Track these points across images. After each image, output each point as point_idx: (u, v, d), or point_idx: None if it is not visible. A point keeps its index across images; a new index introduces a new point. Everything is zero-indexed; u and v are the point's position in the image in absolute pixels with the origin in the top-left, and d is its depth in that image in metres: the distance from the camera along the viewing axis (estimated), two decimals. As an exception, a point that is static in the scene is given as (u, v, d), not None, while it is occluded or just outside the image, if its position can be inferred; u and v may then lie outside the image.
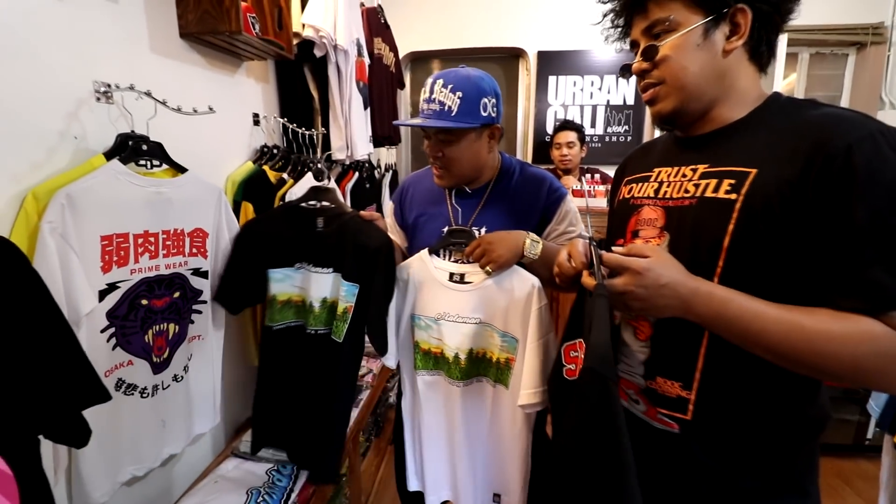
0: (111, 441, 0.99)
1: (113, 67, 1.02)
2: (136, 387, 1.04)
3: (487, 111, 1.05)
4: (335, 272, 1.11)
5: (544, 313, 0.98)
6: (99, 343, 0.95)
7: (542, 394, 0.95)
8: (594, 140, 2.97)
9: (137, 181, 1.01)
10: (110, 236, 0.96)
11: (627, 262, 0.63)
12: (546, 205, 1.12)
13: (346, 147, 1.81)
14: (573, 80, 2.92)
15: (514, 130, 3.20)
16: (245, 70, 1.55)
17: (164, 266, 1.09)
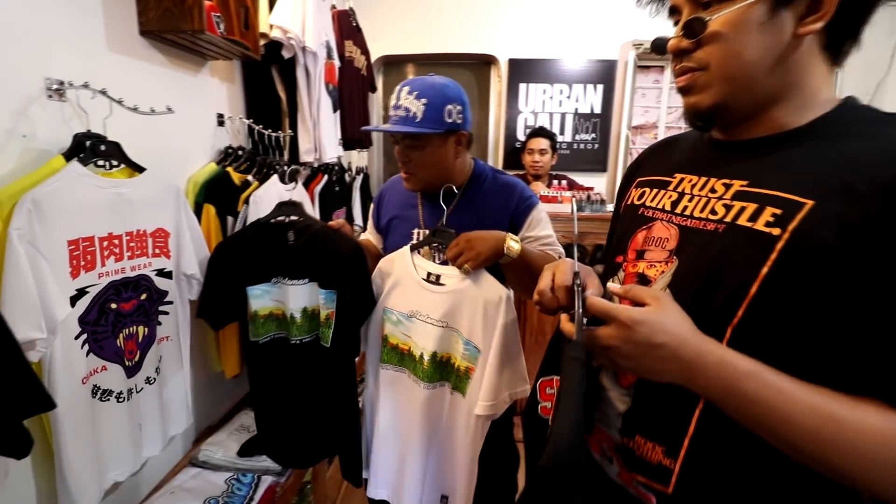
0: (93, 448, 0.98)
1: (67, 64, 0.99)
2: (111, 392, 1.03)
3: (452, 118, 1.07)
4: (311, 282, 1.13)
5: (512, 328, 0.98)
6: (74, 350, 0.94)
7: (498, 405, 0.97)
8: (563, 147, 3.04)
9: (98, 182, 0.99)
10: (76, 240, 0.94)
11: (615, 312, 0.51)
12: (516, 212, 1.14)
13: (315, 150, 1.79)
14: (543, 88, 2.98)
15: (486, 136, 3.24)
16: (209, 69, 1.52)
17: (130, 268, 1.08)
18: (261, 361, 1.17)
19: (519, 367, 1.00)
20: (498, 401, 0.97)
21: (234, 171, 1.53)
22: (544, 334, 2.21)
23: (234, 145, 1.59)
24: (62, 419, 0.90)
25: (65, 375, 0.90)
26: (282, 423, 1.21)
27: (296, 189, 1.71)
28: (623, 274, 0.66)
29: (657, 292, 0.53)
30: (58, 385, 0.89)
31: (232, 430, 1.44)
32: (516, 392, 1.00)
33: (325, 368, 1.13)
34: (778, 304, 0.48)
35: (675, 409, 0.55)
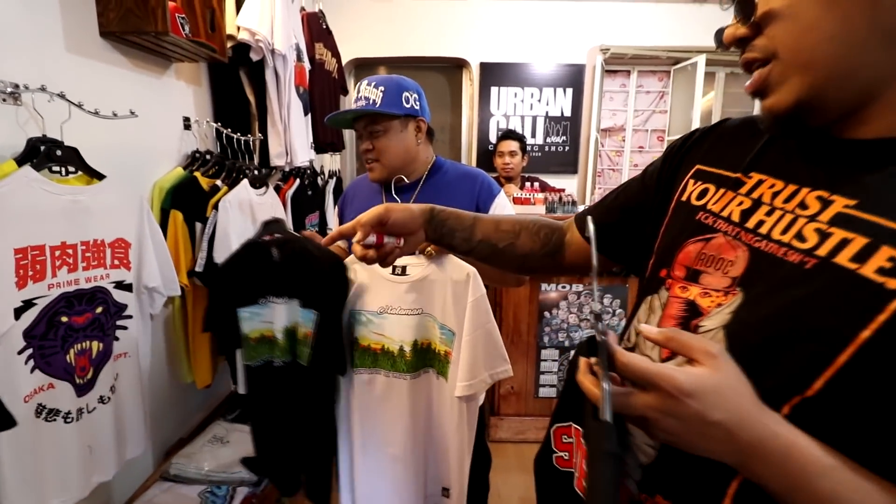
0: (33, 471, 0.92)
1: (22, 66, 0.95)
2: (58, 412, 0.97)
3: (410, 104, 1.13)
4: (291, 300, 1.10)
5: (480, 304, 0.97)
6: (16, 366, 0.88)
7: (476, 385, 0.96)
8: (534, 150, 3.10)
9: (52, 189, 0.95)
10: (24, 249, 0.89)
11: (658, 379, 0.37)
12: (479, 200, 1.15)
13: (286, 153, 1.77)
14: (514, 92, 3.03)
15: (459, 139, 3.27)
16: (174, 72, 1.48)
17: (84, 280, 1.02)
18: (254, 385, 1.12)
19: (496, 345, 0.99)
20: (476, 380, 0.95)
21: (201, 175, 1.49)
22: (520, 334, 2.24)
23: (201, 150, 1.55)
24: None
25: (4, 392, 0.84)
26: (274, 446, 1.17)
27: (267, 193, 1.68)
28: (666, 296, 0.52)
29: (712, 347, 0.38)
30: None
31: (205, 442, 1.40)
32: (497, 372, 0.99)
33: (303, 388, 1.10)
34: (872, 380, 0.35)
35: (708, 475, 0.43)
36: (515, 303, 2.24)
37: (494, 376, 1.00)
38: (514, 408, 2.29)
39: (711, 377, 0.37)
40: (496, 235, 0.75)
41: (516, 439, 2.28)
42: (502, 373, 1.00)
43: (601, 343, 0.41)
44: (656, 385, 0.37)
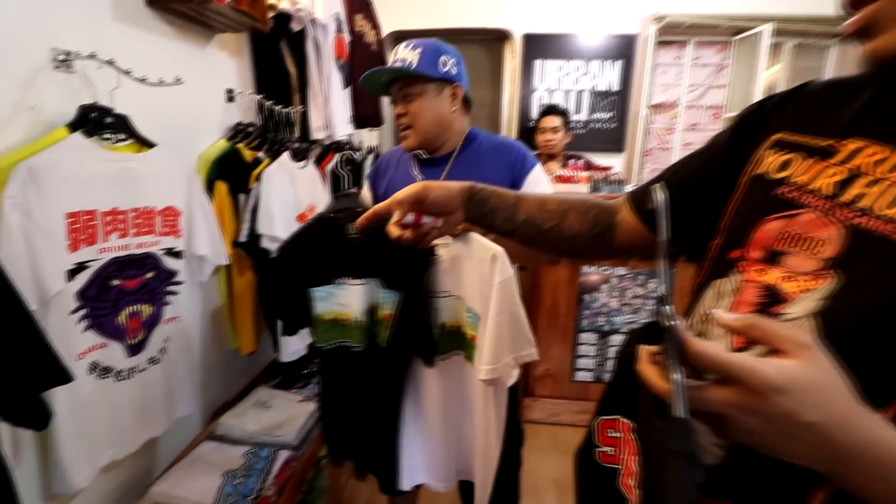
0: (89, 425, 0.97)
1: (73, 35, 0.96)
2: (110, 369, 1.01)
3: (447, 68, 1.09)
4: (373, 280, 1.03)
5: (507, 286, 0.91)
6: (69, 325, 0.92)
7: (500, 369, 0.91)
8: (579, 126, 2.97)
9: (103, 156, 0.97)
10: (77, 213, 0.92)
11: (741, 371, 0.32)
12: (514, 173, 1.10)
13: (326, 126, 1.76)
14: (559, 65, 2.89)
15: (499, 115, 3.17)
16: (218, 43, 1.49)
17: (135, 245, 1.06)
18: (325, 367, 1.10)
19: (521, 328, 0.93)
20: (501, 364, 0.91)
21: (244, 147, 1.51)
22: (558, 316, 2.19)
23: (244, 121, 1.56)
24: (54, 394, 0.87)
25: (59, 350, 0.85)
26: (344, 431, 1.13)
27: (307, 167, 1.69)
28: (739, 279, 0.47)
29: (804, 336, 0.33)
30: None
31: (249, 406, 1.45)
32: (521, 355, 0.94)
33: (379, 372, 1.05)
34: None
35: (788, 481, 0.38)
36: (554, 284, 2.18)
37: (519, 359, 0.94)
38: (549, 390, 2.26)
39: (804, 371, 0.31)
40: (541, 215, 0.70)
41: (550, 421, 2.25)
42: (527, 356, 0.95)
43: (669, 329, 0.35)
44: (738, 378, 0.32)
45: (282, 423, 1.36)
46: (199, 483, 1.12)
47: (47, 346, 0.67)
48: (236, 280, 1.51)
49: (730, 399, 0.32)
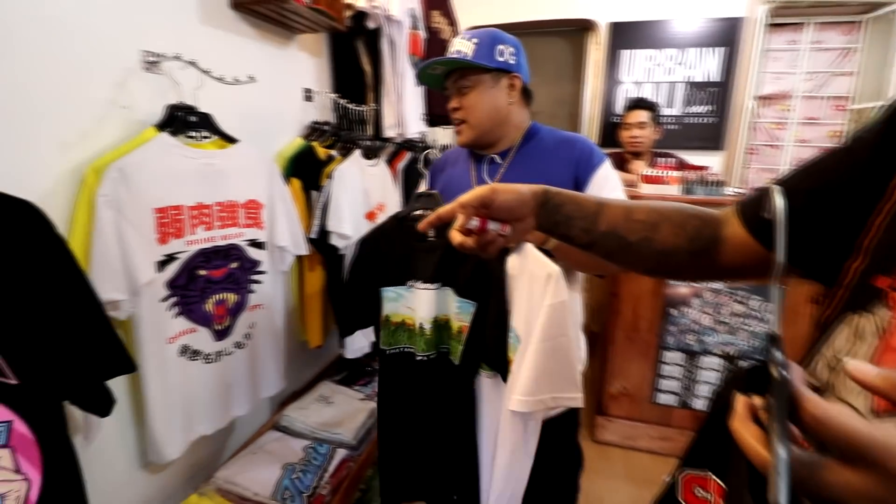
0: (180, 402, 1.05)
1: (162, 37, 1.02)
2: (199, 353, 1.09)
3: (504, 57, 1.01)
4: (446, 287, 0.97)
5: (558, 310, 0.80)
6: (161, 311, 0.99)
7: (534, 404, 0.80)
8: (671, 121, 2.70)
9: (188, 153, 1.02)
10: (164, 209, 0.98)
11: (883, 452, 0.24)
12: (579, 170, 1.00)
13: (398, 124, 1.75)
14: (649, 55, 2.65)
15: (580, 113, 2.99)
16: (297, 43, 1.53)
17: (220, 237, 1.11)
18: (386, 372, 1.07)
19: (567, 364, 0.82)
20: (535, 398, 0.80)
21: (318, 145, 1.53)
22: (639, 331, 1.99)
23: (320, 119, 1.59)
24: (148, 374, 0.96)
25: (151, 334, 0.96)
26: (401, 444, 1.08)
27: (378, 165, 1.68)
28: (887, 317, 0.36)
29: None
30: (143, 342, 0.95)
31: (312, 400, 1.47)
32: (561, 398, 0.82)
33: (451, 390, 0.98)
34: None
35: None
36: (636, 295, 1.99)
37: (558, 401, 0.82)
38: (626, 410, 2.07)
39: None
40: (626, 226, 0.59)
41: (625, 444, 2.06)
42: (569, 400, 0.82)
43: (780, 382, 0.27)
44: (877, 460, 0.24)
45: (341, 420, 1.36)
46: (259, 473, 1.15)
47: (115, 338, 0.69)
48: (307, 275, 1.54)
49: (861, 487, 0.24)
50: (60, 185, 0.83)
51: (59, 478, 0.61)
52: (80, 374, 0.63)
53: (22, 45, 0.76)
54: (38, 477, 0.58)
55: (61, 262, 0.61)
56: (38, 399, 0.58)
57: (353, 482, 1.23)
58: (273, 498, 1.08)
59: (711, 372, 1.92)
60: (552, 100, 3.10)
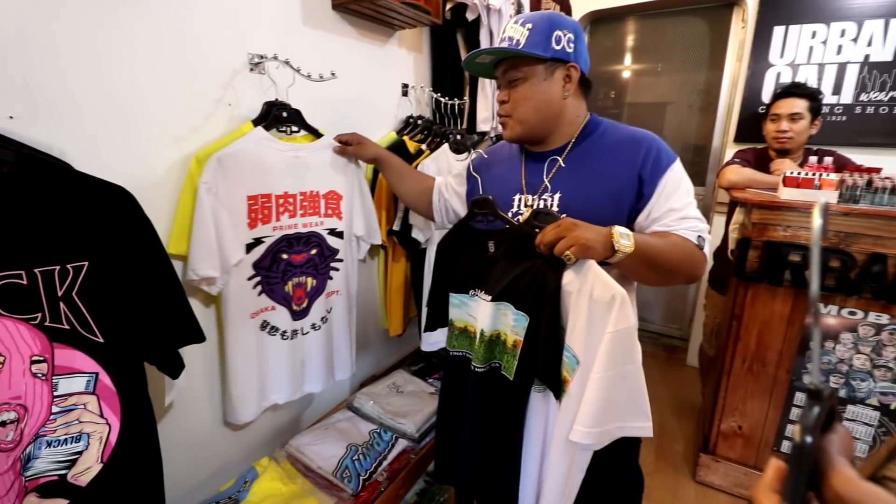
0: (257, 371, 1.16)
1: (267, 40, 1.11)
2: (277, 329, 1.18)
3: (561, 45, 0.90)
4: (502, 301, 0.93)
5: (624, 338, 0.72)
6: (246, 289, 1.10)
7: (598, 435, 0.73)
8: (835, 111, 2.19)
9: (278, 146, 1.11)
10: (255, 196, 1.08)
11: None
12: (643, 171, 0.88)
13: (492, 118, 1.70)
14: (811, 30, 2.17)
15: (715, 103, 2.59)
16: (397, 40, 1.57)
17: (302, 225, 1.19)
18: (448, 371, 1.08)
19: (635, 393, 0.74)
20: (600, 430, 0.73)
21: (409, 139, 1.56)
22: (764, 363, 1.67)
23: (416, 114, 1.62)
24: (231, 343, 1.08)
25: (237, 308, 1.08)
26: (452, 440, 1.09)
27: (468, 159, 1.65)
28: None
29: None
30: (230, 315, 1.07)
31: (385, 386, 1.52)
32: (628, 427, 0.74)
33: (502, 404, 0.95)
34: None
35: None
36: (764, 320, 1.67)
37: (625, 430, 0.75)
38: (739, 453, 1.76)
39: None
40: None
41: (733, 492, 1.76)
42: (636, 430, 0.74)
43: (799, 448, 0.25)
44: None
45: (408, 411, 1.38)
46: (326, 448, 1.22)
47: (189, 311, 0.78)
48: (391, 266, 1.60)
49: None
50: (172, 173, 0.96)
51: (135, 426, 0.71)
52: (156, 339, 0.73)
53: (140, 52, 0.89)
54: (117, 423, 0.69)
55: (148, 241, 0.71)
56: (120, 357, 0.68)
57: (410, 474, 1.24)
58: (333, 474, 1.14)
59: (862, 426, 1.54)
60: (680, 89, 2.74)
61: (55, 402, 0.63)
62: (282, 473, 1.12)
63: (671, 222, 0.86)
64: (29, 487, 0.62)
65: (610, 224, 0.80)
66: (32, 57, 0.74)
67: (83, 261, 0.63)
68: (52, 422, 0.63)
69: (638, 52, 2.83)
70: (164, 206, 0.95)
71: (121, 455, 0.69)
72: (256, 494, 1.04)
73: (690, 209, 0.87)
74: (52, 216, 0.61)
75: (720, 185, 2.00)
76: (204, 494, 1.08)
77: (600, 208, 0.89)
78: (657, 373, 2.67)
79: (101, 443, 0.67)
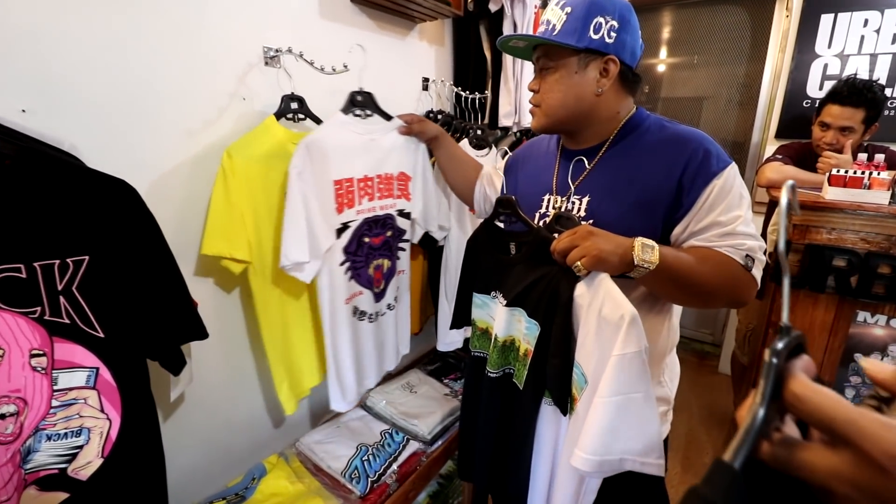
0: (357, 358, 1.23)
1: (283, 33, 1.10)
2: (365, 313, 1.24)
3: (600, 34, 0.79)
4: (517, 306, 0.91)
5: (632, 363, 0.66)
6: (338, 274, 1.13)
7: (598, 464, 0.67)
8: (889, 105, 2.03)
9: (357, 129, 1.14)
10: (340, 181, 1.10)
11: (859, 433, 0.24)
12: (685, 177, 0.76)
13: (515, 112, 1.65)
14: (864, 18, 2.01)
15: (756, 96, 2.45)
16: (418, 32, 1.53)
17: (379, 207, 1.22)
18: (470, 370, 1.06)
19: (646, 427, 0.67)
20: (601, 459, 0.67)
21: (429, 134, 1.52)
22: (801, 372, 1.56)
23: (438, 109, 1.58)
24: (334, 332, 1.14)
25: (333, 296, 1.12)
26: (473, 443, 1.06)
27: (488, 155, 1.60)
28: None
29: None
30: (325, 303, 1.11)
31: (399, 386, 1.50)
32: (637, 460, 0.68)
33: (512, 411, 0.94)
34: None
35: None
36: (803, 329, 1.54)
37: (631, 464, 0.67)
38: (772, 469, 1.66)
39: None
40: None
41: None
42: (645, 466, 0.67)
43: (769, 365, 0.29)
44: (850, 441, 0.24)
45: (420, 413, 1.35)
46: (337, 448, 1.20)
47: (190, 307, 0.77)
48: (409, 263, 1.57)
49: (836, 468, 0.25)
50: (183, 166, 0.95)
51: (136, 422, 0.71)
52: (157, 335, 0.72)
53: (153, 45, 0.88)
54: (118, 418, 0.69)
55: (150, 236, 0.70)
56: (121, 352, 0.68)
57: (420, 476, 1.21)
58: (342, 475, 1.12)
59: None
60: (718, 83, 2.60)
61: (55, 396, 0.63)
62: (289, 472, 1.11)
63: (713, 238, 0.76)
64: (29, 480, 0.63)
65: (639, 235, 0.72)
66: (45, 50, 0.74)
67: (84, 255, 0.62)
68: (52, 416, 0.63)
69: (673, 44, 2.70)
70: (177, 200, 0.95)
71: (122, 450, 0.69)
72: (262, 492, 1.03)
73: (740, 224, 0.75)
74: (53, 210, 0.60)
75: (759, 184, 1.88)
76: (216, 487, 1.09)
77: (630, 216, 0.81)
78: (686, 380, 2.54)
79: (101, 437, 0.67)
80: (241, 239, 0.95)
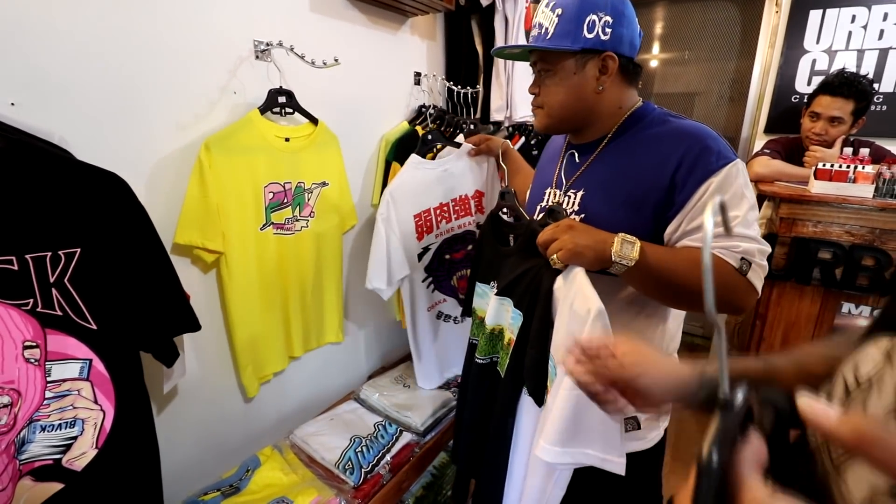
0: (438, 351, 1.46)
1: (273, 27, 1.10)
2: (450, 316, 1.47)
3: (595, 31, 0.78)
4: (505, 296, 0.92)
5: None
6: (421, 288, 1.38)
7: (558, 455, 0.68)
8: (878, 102, 2.06)
9: (429, 166, 1.32)
10: (419, 213, 1.31)
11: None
12: (677, 176, 0.73)
13: (506, 107, 1.65)
14: (851, 14, 2.03)
15: (746, 92, 2.47)
16: (409, 27, 1.53)
17: (457, 227, 1.41)
18: (466, 357, 1.08)
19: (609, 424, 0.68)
20: (563, 450, 0.68)
21: (422, 129, 1.53)
22: (787, 363, 1.59)
23: (430, 103, 1.59)
24: (416, 330, 1.40)
25: (419, 305, 1.38)
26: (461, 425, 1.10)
27: (481, 150, 1.62)
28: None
29: None
30: (416, 311, 1.37)
31: (391, 380, 1.51)
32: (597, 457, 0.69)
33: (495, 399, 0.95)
34: None
35: None
36: (789, 320, 1.60)
37: (593, 460, 0.68)
38: (758, 457, 1.69)
39: None
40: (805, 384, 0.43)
41: None
42: (606, 464, 0.68)
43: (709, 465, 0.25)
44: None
45: (413, 405, 1.37)
46: (331, 440, 1.22)
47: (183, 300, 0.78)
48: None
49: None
50: (171, 160, 0.95)
51: (130, 413, 0.71)
52: (150, 327, 0.73)
53: (144, 39, 0.88)
54: (111, 410, 0.69)
55: (142, 229, 0.71)
56: (114, 344, 0.68)
57: (413, 467, 1.23)
58: (336, 466, 1.13)
59: (894, 436, 1.45)
60: (709, 78, 2.62)
61: (48, 387, 0.64)
62: (283, 463, 1.12)
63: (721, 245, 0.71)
64: (23, 471, 0.63)
65: (628, 231, 0.71)
66: (34, 44, 0.74)
67: (75, 247, 0.63)
68: (45, 407, 0.64)
69: (664, 40, 2.71)
70: (167, 193, 0.95)
71: (116, 441, 0.70)
72: (257, 483, 1.04)
73: (739, 225, 0.71)
74: (44, 203, 0.61)
75: (747, 178, 1.90)
76: (210, 479, 1.09)
77: (620, 212, 0.78)
78: (676, 372, 2.59)
79: (95, 428, 0.68)
80: (215, 229, 0.97)
